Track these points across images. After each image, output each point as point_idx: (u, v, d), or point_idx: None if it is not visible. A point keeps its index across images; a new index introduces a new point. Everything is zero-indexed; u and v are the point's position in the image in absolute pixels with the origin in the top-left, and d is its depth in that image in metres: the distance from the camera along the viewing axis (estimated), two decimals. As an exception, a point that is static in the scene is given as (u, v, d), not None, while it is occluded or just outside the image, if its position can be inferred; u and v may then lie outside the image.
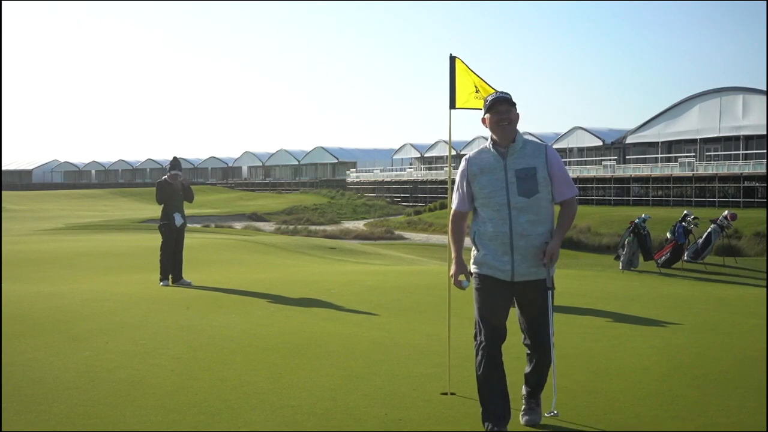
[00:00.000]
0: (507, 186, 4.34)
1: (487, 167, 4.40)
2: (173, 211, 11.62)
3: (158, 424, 4.56)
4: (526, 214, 4.32)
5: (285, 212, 61.06)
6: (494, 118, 4.39)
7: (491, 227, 4.36)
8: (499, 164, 4.38)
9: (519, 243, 4.31)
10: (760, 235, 30.58)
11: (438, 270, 14.27)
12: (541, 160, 4.38)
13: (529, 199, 4.31)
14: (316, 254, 19.05)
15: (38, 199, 69.85)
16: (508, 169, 4.35)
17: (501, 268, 4.34)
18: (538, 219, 4.35)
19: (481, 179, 4.40)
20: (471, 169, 4.46)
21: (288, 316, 8.48)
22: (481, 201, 4.42)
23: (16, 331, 7.41)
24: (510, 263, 4.33)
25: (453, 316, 6.07)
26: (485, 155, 4.45)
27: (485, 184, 4.38)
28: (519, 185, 4.32)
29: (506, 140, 4.39)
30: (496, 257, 4.35)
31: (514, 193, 4.32)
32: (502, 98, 4.42)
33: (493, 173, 4.37)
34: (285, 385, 5.48)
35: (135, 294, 10.23)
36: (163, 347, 6.74)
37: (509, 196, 4.33)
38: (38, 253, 16.71)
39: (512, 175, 4.34)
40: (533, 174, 4.33)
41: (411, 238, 40.41)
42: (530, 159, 4.37)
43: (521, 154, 4.39)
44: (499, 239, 4.33)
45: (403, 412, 4.84)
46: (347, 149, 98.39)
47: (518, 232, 4.31)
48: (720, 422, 4.67)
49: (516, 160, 4.37)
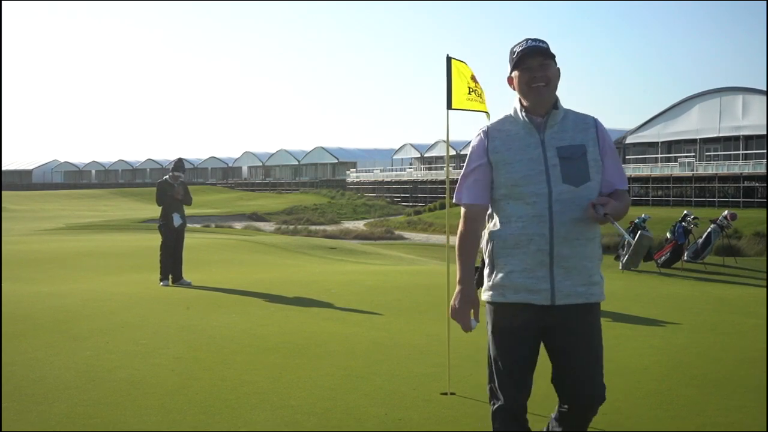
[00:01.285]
0: (547, 169, 3.11)
1: (516, 142, 3.17)
2: (172, 211, 11.62)
3: (158, 424, 4.57)
4: (572, 210, 3.09)
5: (285, 212, 61.03)
6: (524, 76, 3.16)
7: (520, 228, 3.12)
8: (533, 138, 3.16)
9: (562, 250, 3.08)
10: (759, 235, 30.55)
11: (438, 270, 14.27)
12: (590, 135, 3.19)
13: (577, 189, 3.10)
14: (316, 254, 19.05)
15: (38, 199, 69.80)
16: (546, 146, 3.15)
17: (534, 287, 3.10)
18: (587, 218, 3.11)
19: (509, 158, 3.15)
20: (494, 145, 3.19)
21: (288, 316, 8.48)
22: (505, 191, 3.16)
23: (17, 331, 7.41)
24: (548, 279, 3.09)
25: (453, 316, 6.06)
26: (512, 126, 3.22)
27: (516, 165, 3.14)
28: (564, 169, 3.11)
29: (543, 107, 3.17)
30: (527, 273, 3.11)
31: (557, 180, 3.10)
32: (534, 48, 3.15)
33: (526, 151, 3.15)
34: (285, 385, 5.48)
35: (135, 294, 10.23)
36: (163, 347, 6.74)
37: (550, 184, 3.10)
38: (38, 253, 16.71)
39: (553, 154, 3.13)
40: (582, 154, 3.14)
41: (411, 238, 40.39)
42: (576, 133, 3.19)
43: (563, 126, 3.20)
44: (534, 245, 3.09)
45: (403, 412, 4.84)
46: (347, 149, 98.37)
47: (562, 234, 3.08)
48: (720, 422, 4.67)
49: (557, 135, 3.17)
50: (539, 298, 3.10)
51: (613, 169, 3.23)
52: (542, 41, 3.20)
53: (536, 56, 3.15)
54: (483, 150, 3.22)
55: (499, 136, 3.21)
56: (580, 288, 3.11)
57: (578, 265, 3.11)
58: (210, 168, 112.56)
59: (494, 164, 3.19)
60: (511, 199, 3.15)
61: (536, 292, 3.09)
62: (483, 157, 3.22)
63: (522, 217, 3.12)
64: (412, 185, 71.90)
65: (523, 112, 3.20)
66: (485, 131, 3.26)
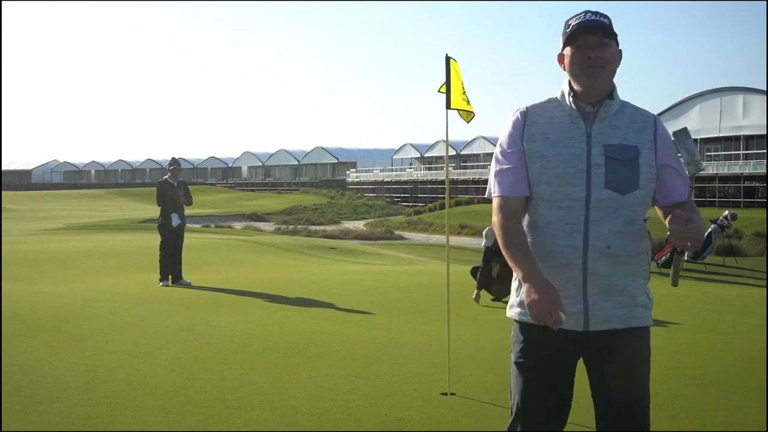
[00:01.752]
0: (589, 168, 2.60)
1: (558, 132, 2.66)
2: (171, 211, 11.62)
3: (158, 424, 4.56)
4: (613, 220, 2.58)
5: (285, 212, 61.01)
6: (577, 55, 2.63)
7: (550, 236, 2.62)
8: (577, 130, 2.65)
9: (598, 267, 2.58)
10: (760, 235, 30.55)
11: (438, 270, 14.27)
12: (646, 136, 2.67)
13: (622, 197, 2.59)
14: (316, 254, 19.05)
15: (38, 199, 69.79)
16: (593, 142, 2.62)
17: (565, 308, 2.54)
18: (632, 231, 2.61)
19: (546, 150, 2.64)
20: (531, 131, 2.68)
21: (288, 316, 8.48)
22: (536, 189, 2.66)
23: (16, 331, 7.41)
24: (581, 300, 2.60)
25: (453, 316, 6.07)
26: (556, 111, 2.71)
27: (553, 160, 2.62)
28: (609, 171, 2.59)
29: (595, 94, 2.65)
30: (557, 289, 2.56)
31: (599, 183, 2.59)
32: (593, 24, 2.62)
33: (567, 144, 2.63)
34: (285, 385, 5.48)
35: (135, 294, 10.23)
36: (163, 347, 6.74)
37: (590, 187, 2.59)
38: (38, 253, 16.71)
39: (599, 152, 2.61)
40: (634, 156, 2.62)
41: (411, 238, 40.39)
42: (630, 132, 2.66)
43: (615, 120, 2.67)
44: (564, 258, 2.60)
45: (403, 412, 4.84)
46: (347, 149, 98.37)
47: (599, 248, 2.58)
48: (720, 422, 4.67)
49: (607, 130, 2.65)
50: (570, 322, 2.56)
51: (673, 176, 2.69)
52: (604, 15, 2.67)
53: (595, 33, 2.61)
54: (519, 135, 2.70)
55: (539, 121, 2.69)
56: (619, 311, 2.60)
57: (618, 284, 2.60)
58: (210, 168, 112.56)
59: (527, 155, 2.66)
60: (542, 200, 2.64)
61: (567, 314, 2.54)
62: (518, 143, 2.69)
63: (552, 224, 2.62)
64: (412, 185, 71.90)
65: (571, 97, 2.67)
66: (523, 112, 2.73)
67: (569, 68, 2.68)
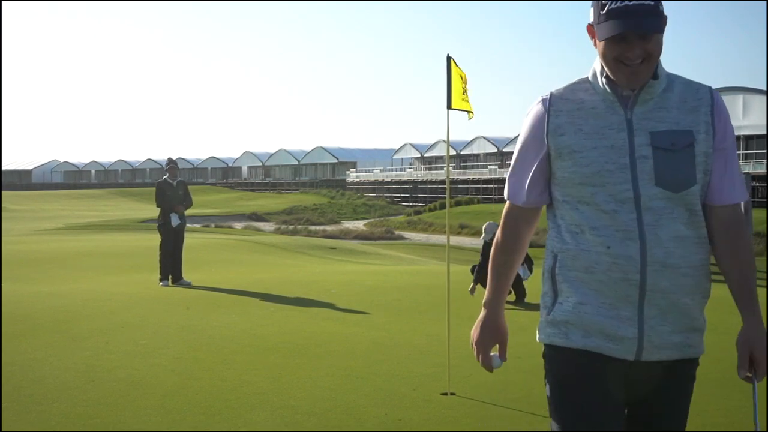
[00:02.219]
0: (633, 163, 2.12)
1: (591, 121, 2.17)
2: (171, 211, 11.62)
3: (158, 424, 4.56)
4: (671, 224, 2.12)
5: (285, 212, 61.01)
6: (613, 48, 2.09)
7: (599, 245, 2.13)
8: (615, 117, 2.15)
9: (659, 282, 2.10)
10: (760, 235, 30.59)
11: (438, 270, 14.27)
12: (702, 116, 2.15)
13: (676, 196, 2.12)
14: (316, 254, 19.06)
15: (38, 199, 69.78)
16: (636, 130, 2.13)
17: (615, 331, 2.12)
18: (692, 237, 2.16)
19: (579, 144, 2.16)
20: (557, 122, 2.20)
21: (288, 316, 8.48)
22: (571, 191, 2.18)
23: (16, 331, 7.41)
24: (636, 322, 2.12)
25: (453, 316, 6.07)
26: (587, 96, 2.21)
27: (588, 155, 2.14)
28: (659, 164, 2.11)
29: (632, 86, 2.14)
30: (605, 309, 2.13)
31: (648, 179, 2.11)
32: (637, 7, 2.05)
33: (605, 135, 2.14)
34: (285, 385, 5.48)
35: (135, 294, 10.23)
36: (163, 347, 6.74)
37: (638, 184, 2.11)
38: (38, 253, 16.71)
39: (644, 141, 2.12)
40: (688, 144, 2.12)
41: (411, 238, 40.40)
42: (682, 114, 2.14)
43: (663, 102, 2.15)
44: (618, 271, 2.11)
45: (403, 412, 4.84)
46: (347, 149, 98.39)
47: (659, 259, 2.10)
48: (720, 422, 4.67)
49: (653, 113, 2.14)
50: (620, 348, 2.13)
51: (727, 170, 2.18)
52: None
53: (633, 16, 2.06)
54: (541, 129, 2.22)
55: (567, 109, 2.20)
56: (676, 337, 2.16)
57: (678, 303, 2.14)
58: (210, 168, 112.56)
59: (556, 151, 2.18)
60: (581, 203, 2.16)
61: (617, 339, 2.12)
62: (539, 139, 2.22)
63: (599, 230, 2.12)
64: (412, 185, 71.89)
65: (604, 79, 2.16)
66: (546, 100, 2.23)
67: (602, 56, 2.15)
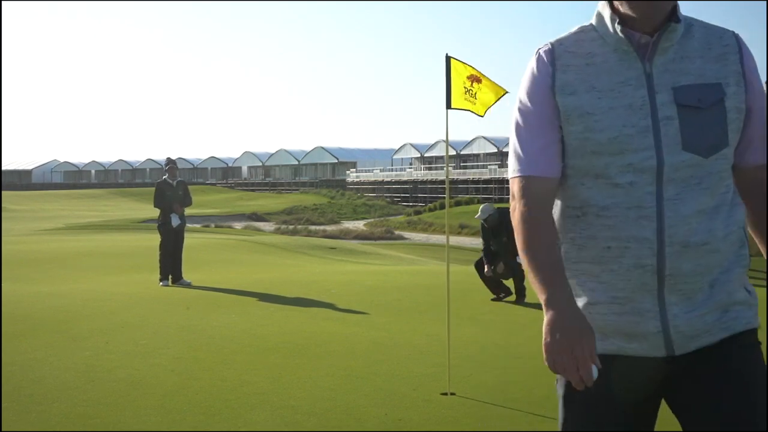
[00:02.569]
0: (656, 125, 1.78)
1: (604, 77, 1.83)
2: (171, 211, 11.62)
3: (158, 424, 4.56)
4: (697, 196, 1.79)
5: (285, 212, 61.01)
6: None
7: (606, 228, 1.82)
8: (632, 71, 1.82)
9: (680, 265, 1.79)
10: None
11: (438, 270, 14.27)
12: (731, 66, 1.83)
13: (706, 161, 1.79)
14: (316, 254, 19.07)
15: (38, 199, 69.78)
16: (656, 85, 1.80)
17: (634, 328, 1.82)
18: (720, 204, 1.83)
19: (590, 105, 1.82)
20: (565, 78, 1.85)
21: (288, 316, 8.48)
22: (580, 162, 1.85)
23: (16, 331, 7.41)
24: (658, 314, 1.80)
25: (453, 316, 6.07)
26: (596, 47, 1.86)
27: (601, 117, 1.80)
28: (685, 125, 1.79)
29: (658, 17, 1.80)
30: (619, 305, 1.83)
31: (674, 144, 1.78)
32: None
33: (621, 92, 1.81)
34: (285, 385, 5.48)
35: (135, 294, 10.23)
36: (163, 347, 6.74)
37: (662, 151, 1.78)
38: (38, 253, 16.71)
39: (667, 99, 1.79)
40: (718, 100, 1.80)
41: (411, 238, 40.40)
42: (707, 63, 1.83)
43: (685, 50, 1.83)
44: (630, 257, 1.80)
45: (403, 412, 4.84)
46: (347, 149, 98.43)
47: (679, 238, 1.78)
48: None
49: (676, 65, 1.82)
50: (645, 347, 1.82)
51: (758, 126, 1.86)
52: None
53: None
54: (546, 85, 1.85)
55: (575, 63, 1.84)
56: (709, 317, 1.81)
57: (706, 283, 1.81)
58: (210, 168, 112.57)
59: (564, 114, 1.83)
60: (588, 177, 1.83)
61: (638, 337, 1.82)
62: (547, 97, 1.85)
63: (608, 209, 1.80)
64: (412, 185, 71.92)
65: (617, 23, 1.81)
66: (549, 51, 1.87)
67: None
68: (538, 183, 1.87)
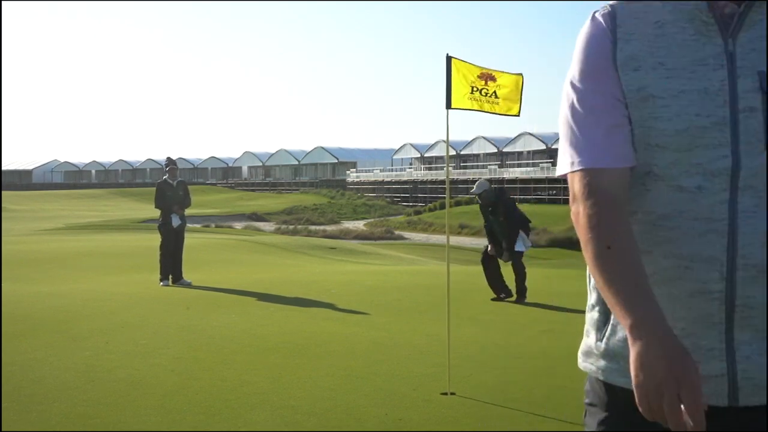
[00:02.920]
0: (735, 117, 1.40)
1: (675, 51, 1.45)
2: (171, 212, 11.63)
3: (158, 424, 4.56)
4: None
5: (285, 212, 61.02)
6: None
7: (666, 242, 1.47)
8: (711, 47, 1.43)
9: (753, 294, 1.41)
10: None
11: (438, 270, 14.27)
12: None
13: None
14: (316, 254, 19.07)
15: (38, 199, 69.78)
16: (739, 68, 1.41)
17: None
18: None
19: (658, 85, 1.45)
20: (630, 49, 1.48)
21: (288, 316, 8.48)
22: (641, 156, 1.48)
23: (16, 331, 7.41)
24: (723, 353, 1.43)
25: (453, 316, 6.07)
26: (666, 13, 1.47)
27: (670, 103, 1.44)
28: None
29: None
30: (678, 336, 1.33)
31: (755, 143, 1.40)
32: None
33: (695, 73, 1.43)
34: (285, 385, 5.48)
35: (135, 294, 10.23)
36: (163, 347, 6.74)
37: (739, 149, 1.41)
38: (38, 253, 16.71)
39: (752, 85, 1.40)
40: None
41: (411, 238, 40.41)
42: None
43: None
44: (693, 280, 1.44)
45: (403, 412, 4.84)
46: (347, 149, 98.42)
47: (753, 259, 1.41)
48: (720, 422, 4.66)
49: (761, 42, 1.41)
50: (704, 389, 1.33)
51: None
52: None
53: None
54: (606, 58, 1.50)
55: (642, 32, 1.49)
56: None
57: None
58: (210, 168, 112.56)
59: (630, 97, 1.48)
60: (648, 178, 1.49)
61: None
62: (609, 71, 1.49)
63: (669, 219, 1.47)
64: (412, 185, 71.90)
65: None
66: (609, 14, 1.52)
67: None
68: (608, 176, 1.46)
